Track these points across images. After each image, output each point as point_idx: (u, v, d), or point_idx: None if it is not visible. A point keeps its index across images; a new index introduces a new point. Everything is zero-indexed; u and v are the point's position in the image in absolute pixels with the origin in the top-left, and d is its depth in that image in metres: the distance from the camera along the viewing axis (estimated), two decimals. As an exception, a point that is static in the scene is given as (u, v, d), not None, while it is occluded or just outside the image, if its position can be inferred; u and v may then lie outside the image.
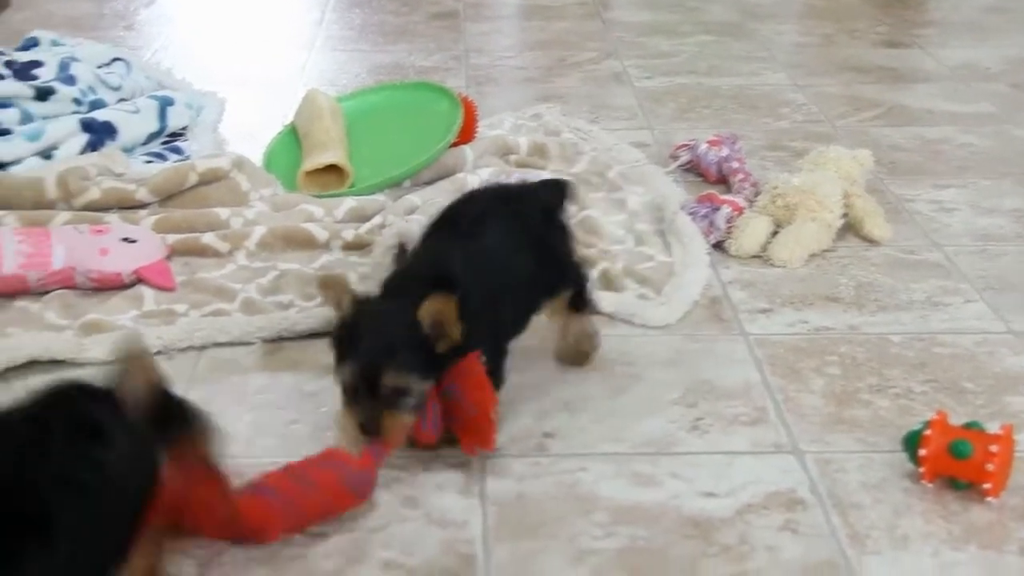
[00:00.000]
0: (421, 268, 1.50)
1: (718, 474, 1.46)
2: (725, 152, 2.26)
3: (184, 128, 2.44)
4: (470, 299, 1.39)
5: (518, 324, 1.57)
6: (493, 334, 1.49)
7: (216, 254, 1.94)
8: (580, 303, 1.66)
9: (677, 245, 2.00)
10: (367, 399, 1.36)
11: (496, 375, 1.49)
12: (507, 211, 1.59)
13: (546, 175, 2.16)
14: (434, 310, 1.36)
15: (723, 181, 2.23)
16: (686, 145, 2.34)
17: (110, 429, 1.10)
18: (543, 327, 1.78)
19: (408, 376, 1.36)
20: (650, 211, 2.13)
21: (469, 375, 1.42)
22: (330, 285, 1.41)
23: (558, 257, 1.63)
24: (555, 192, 1.69)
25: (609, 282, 1.88)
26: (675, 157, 2.34)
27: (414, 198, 2.07)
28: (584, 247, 1.96)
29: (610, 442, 1.52)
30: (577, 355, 1.67)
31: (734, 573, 1.30)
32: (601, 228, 2.05)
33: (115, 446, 1.09)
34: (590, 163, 2.31)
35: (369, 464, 1.37)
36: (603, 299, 1.83)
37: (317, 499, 1.33)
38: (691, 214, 2.06)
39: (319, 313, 1.76)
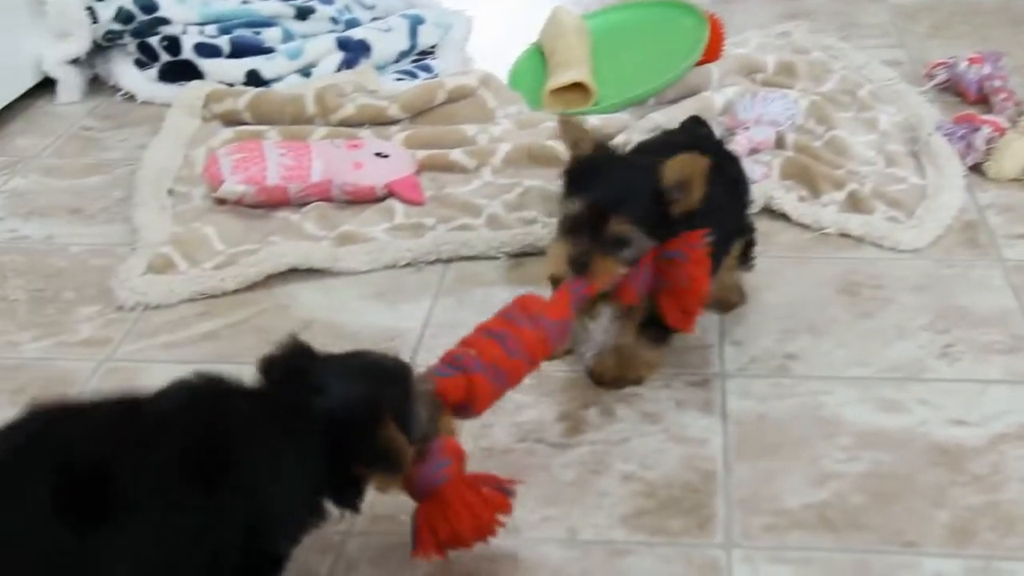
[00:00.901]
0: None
1: (969, 402, 1.42)
2: (987, 70, 2.15)
3: (433, 46, 2.49)
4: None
5: (717, 259, 1.47)
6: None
7: (463, 170, 1.99)
8: (748, 258, 1.60)
9: (931, 167, 1.93)
10: (586, 237, 1.34)
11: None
12: (694, 144, 1.50)
13: (793, 95, 2.12)
14: (683, 166, 1.33)
15: (983, 101, 2.13)
16: (943, 63, 2.24)
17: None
18: (787, 246, 1.76)
19: (635, 227, 1.34)
20: (902, 132, 2.06)
21: (694, 249, 1.36)
22: (570, 125, 1.41)
23: (743, 198, 1.58)
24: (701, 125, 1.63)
25: (857, 203, 1.83)
26: (931, 76, 2.25)
27: (657, 116, 2.06)
28: (832, 168, 1.92)
29: (855, 366, 1.50)
30: (720, 303, 1.59)
31: (985, 503, 1.26)
32: (850, 148, 1.99)
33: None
34: (839, 82, 2.25)
35: (564, 309, 1.33)
36: (850, 220, 1.79)
37: (524, 365, 1.28)
38: (947, 135, 1.98)
39: (562, 229, 1.79)
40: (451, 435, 1.21)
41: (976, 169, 1.93)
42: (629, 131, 2.03)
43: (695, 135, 1.58)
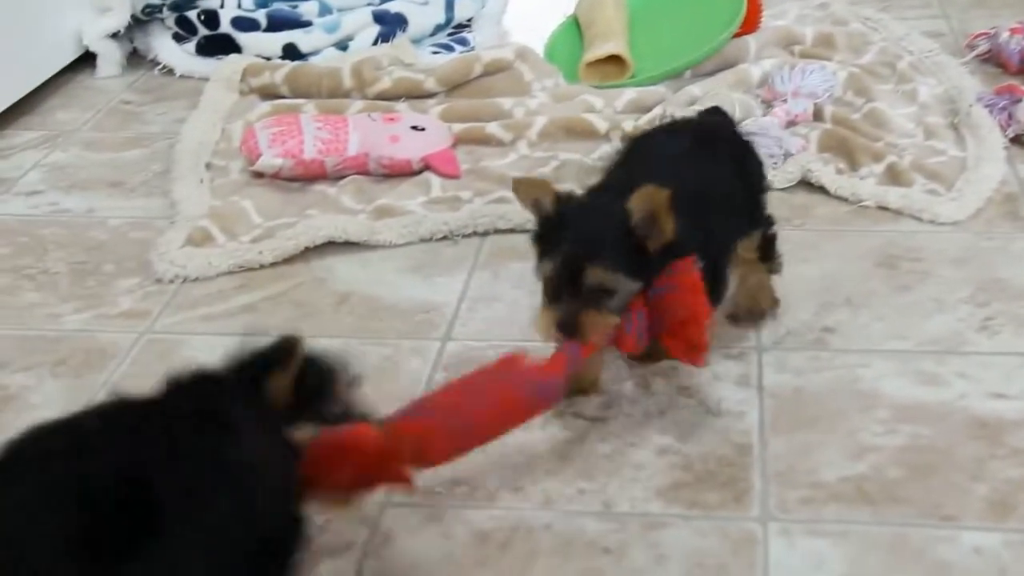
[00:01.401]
0: (624, 177, 1.35)
1: (1009, 375, 1.40)
2: (1029, 40, 2.13)
3: (470, 19, 2.49)
4: (681, 203, 1.25)
5: (728, 241, 1.41)
6: (706, 246, 1.32)
7: (499, 143, 1.99)
8: (769, 252, 1.48)
9: (971, 139, 1.91)
10: (568, 296, 1.25)
11: (717, 288, 1.35)
12: (697, 131, 1.47)
13: (832, 66, 2.10)
14: (645, 200, 1.23)
15: (1025, 72, 2.11)
16: (985, 34, 2.22)
17: (240, 424, 0.96)
18: (824, 218, 1.75)
19: (613, 273, 1.25)
20: (942, 104, 2.05)
21: (683, 277, 1.28)
22: (525, 186, 1.30)
23: (755, 187, 1.47)
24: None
25: (896, 176, 1.82)
26: (972, 46, 2.23)
27: (695, 89, 2.05)
28: (870, 140, 1.90)
29: (894, 339, 1.49)
30: (750, 311, 1.50)
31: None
32: (889, 121, 1.98)
33: (244, 444, 0.96)
34: (879, 53, 2.23)
35: (556, 370, 1.23)
36: (889, 193, 1.78)
37: (490, 412, 1.18)
38: (988, 106, 1.96)
39: (599, 203, 1.78)
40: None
41: (1017, 141, 1.91)
42: (666, 103, 2.02)
43: (707, 122, 1.53)
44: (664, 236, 1.25)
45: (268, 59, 2.28)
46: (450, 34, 2.44)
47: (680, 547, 1.19)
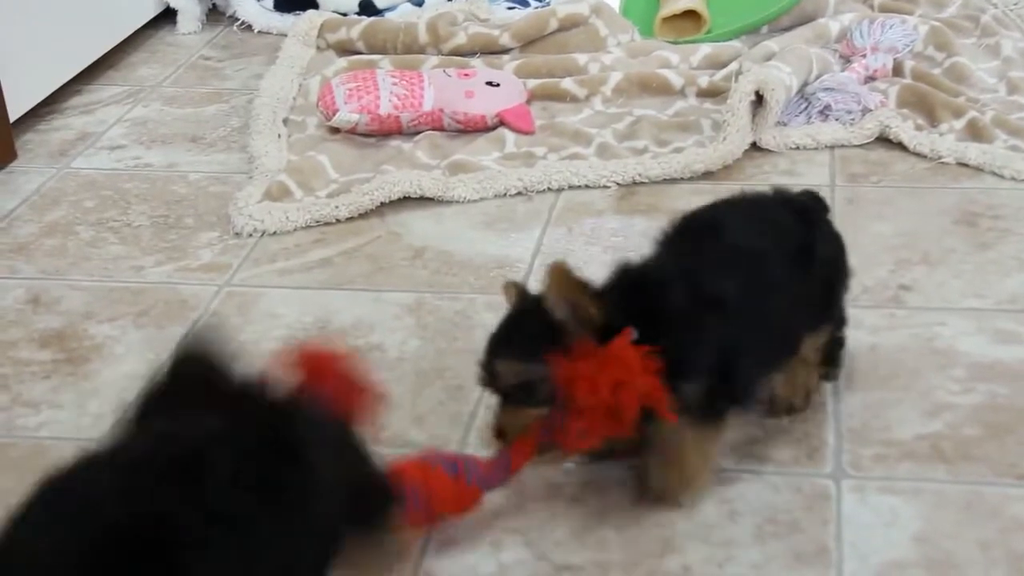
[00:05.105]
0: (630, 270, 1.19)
1: (1089, 336, 1.39)
2: (1118, -7, 2.08)
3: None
4: (672, 296, 1.13)
5: (770, 351, 1.21)
6: (723, 350, 1.14)
7: (574, 99, 1.98)
8: (831, 356, 1.29)
9: (1056, 94, 1.88)
10: (499, 403, 1.14)
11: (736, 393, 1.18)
12: (761, 210, 1.25)
13: (912, 20, 2.07)
14: (552, 280, 1.10)
15: (1113, 25, 2.06)
16: (1072, -14, 2.17)
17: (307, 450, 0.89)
18: (902, 175, 1.73)
19: (521, 364, 1.11)
20: (1027, 58, 2.01)
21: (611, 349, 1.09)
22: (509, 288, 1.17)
23: (829, 278, 1.26)
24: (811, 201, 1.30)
25: (977, 132, 1.79)
26: (1059, 0, 2.18)
27: (771, 44, 2.03)
28: (951, 95, 1.87)
29: (972, 297, 1.47)
30: (777, 404, 1.29)
31: (1102, 437, 1.24)
32: (970, 76, 1.95)
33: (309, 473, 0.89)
34: (961, 7, 2.19)
35: (490, 473, 1.14)
36: (969, 149, 1.76)
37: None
38: (1074, 61, 1.92)
39: (673, 159, 1.78)
40: None
41: (1104, 97, 1.88)
42: (742, 59, 2.00)
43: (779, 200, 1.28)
44: (590, 319, 1.10)
45: (344, 15, 2.30)
46: (524, -11, 2.44)
47: (752, 502, 1.19)
